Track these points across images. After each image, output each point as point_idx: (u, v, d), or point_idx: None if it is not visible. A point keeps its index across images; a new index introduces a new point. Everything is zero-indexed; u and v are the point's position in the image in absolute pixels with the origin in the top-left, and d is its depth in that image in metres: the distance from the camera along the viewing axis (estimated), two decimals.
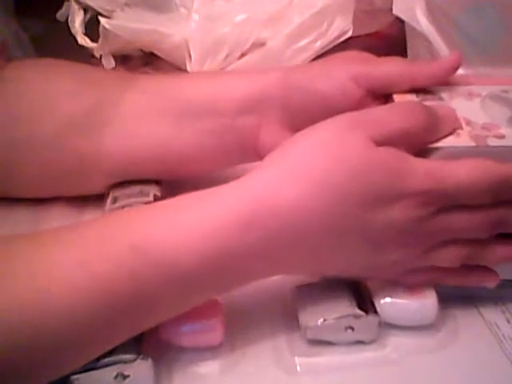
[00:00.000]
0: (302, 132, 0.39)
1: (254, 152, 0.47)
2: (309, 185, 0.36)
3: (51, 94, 0.48)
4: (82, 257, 0.34)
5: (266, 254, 0.37)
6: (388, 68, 0.43)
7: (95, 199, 0.50)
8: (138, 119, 0.47)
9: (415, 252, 0.39)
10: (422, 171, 0.37)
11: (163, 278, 0.35)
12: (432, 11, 0.54)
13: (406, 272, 0.40)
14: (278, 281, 0.41)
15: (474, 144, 0.39)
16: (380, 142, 0.37)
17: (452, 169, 0.37)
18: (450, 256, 0.39)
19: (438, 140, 0.39)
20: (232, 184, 0.37)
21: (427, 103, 0.41)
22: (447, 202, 0.37)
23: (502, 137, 0.39)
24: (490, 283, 0.41)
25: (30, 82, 0.48)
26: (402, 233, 0.37)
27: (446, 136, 0.39)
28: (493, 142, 0.39)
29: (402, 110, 0.39)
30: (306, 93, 0.45)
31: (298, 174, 0.37)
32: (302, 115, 0.44)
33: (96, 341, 0.35)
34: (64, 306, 0.33)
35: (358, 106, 0.43)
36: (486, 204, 0.38)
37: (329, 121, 0.38)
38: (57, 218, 0.49)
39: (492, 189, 0.37)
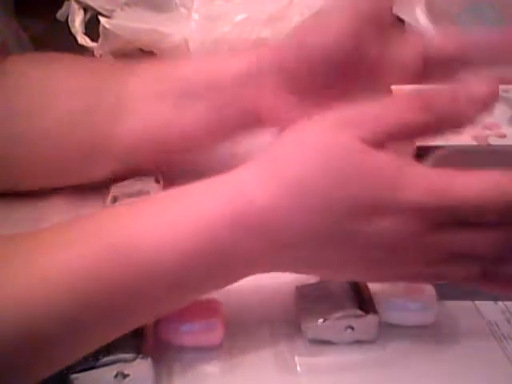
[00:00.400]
0: (290, 129, 0.37)
1: (256, 121, 0.47)
2: (286, 185, 0.34)
3: (51, 87, 0.48)
4: (76, 253, 0.34)
5: (249, 253, 0.36)
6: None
7: (95, 199, 0.50)
8: (139, 103, 0.48)
9: (413, 269, 0.36)
10: (423, 183, 0.34)
11: (145, 277, 0.34)
12: (432, 11, 0.54)
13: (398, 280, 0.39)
14: (278, 281, 0.41)
15: (475, 143, 0.39)
16: (375, 141, 0.34)
17: (456, 182, 0.34)
18: (454, 273, 0.36)
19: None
20: (217, 179, 0.36)
21: None
22: (447, 218, 0.34)
23: (504, 136, 0.39)
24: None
25: (29, 76, 0.49)
26: (394, 250, 0.35)
27: (451, 132, 0.38)
28: (494, 141, 0.39)
29: (398, 103, 0.36)
30: (300, 50, 0.45)
31: (279, 173, 0.35)
32: (301, 73, 0.44)
33: (84, 337, 0.35)
34: (54, 304, 0.33)
35: (354, 54, 0.43)
36: (491, 223, 0.34)
37: (317, 118, 0.36)
38: (57, 216, 0.49)
39: (499, 208, 0.34)
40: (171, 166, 0.51)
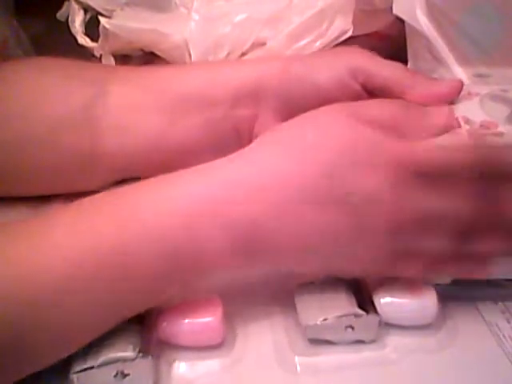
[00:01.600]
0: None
1: (249, 142, 0.48)
2: (291, 156, 0.37)
3: (40, 93, 0.48)
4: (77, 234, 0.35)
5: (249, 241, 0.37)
6: (387, 73, 0.44)
7: None
8: (131, 114, 0.48)
9: (399, 237, 0.37)
10: (402, 144, 0.37)
11: (151, 249, 0.36)
12: (432, 11, 0.54)
13: (393, 263, 0.39)
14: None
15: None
16: (366, 122, 0.37)
17: (430, 144, 0.37)
18: (435, 246, 0.38)
19: (432, 136, 0.39)
20: (220, 162, 0.39)
21: None
22: (423, 173, 0.37)
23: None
24: (481, 274, 0.40)
25: (24, 82, 0.49)
26: (385, 212, 0.37)
27: (443, 134, 0.39)
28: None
29: (389, 101, 0.41)
30: (304, 84, 0.45)
31: (286, 146, 0.38)
32: (299, 106, 0.44)
33: (89, 318, 0.36)
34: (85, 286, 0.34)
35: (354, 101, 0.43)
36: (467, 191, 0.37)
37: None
38: None
39: (469, 165, 0.37)
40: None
